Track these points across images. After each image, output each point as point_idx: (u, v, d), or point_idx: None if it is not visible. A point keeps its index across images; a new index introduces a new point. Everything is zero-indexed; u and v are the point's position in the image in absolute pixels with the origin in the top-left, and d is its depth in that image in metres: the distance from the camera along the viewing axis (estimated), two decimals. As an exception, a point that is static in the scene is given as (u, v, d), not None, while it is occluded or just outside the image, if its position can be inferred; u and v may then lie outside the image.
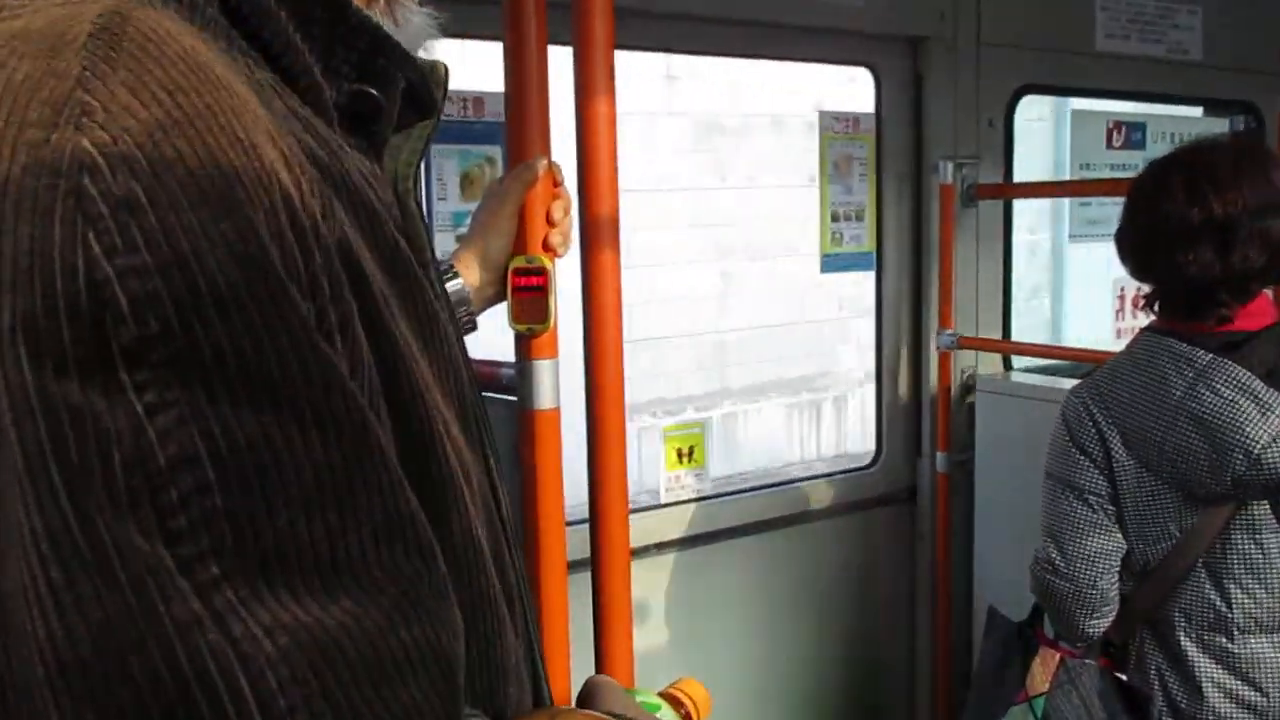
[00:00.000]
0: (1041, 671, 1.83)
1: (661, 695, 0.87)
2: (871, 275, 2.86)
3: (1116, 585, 1.77)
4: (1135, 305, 3.20)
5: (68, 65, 0.43)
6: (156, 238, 0.42)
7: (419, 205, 0.71)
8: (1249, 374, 1.63)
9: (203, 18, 0.51)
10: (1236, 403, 1.63)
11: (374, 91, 0.60)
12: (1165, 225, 1.70)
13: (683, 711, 0.86)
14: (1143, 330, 1.82)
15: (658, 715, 0.83)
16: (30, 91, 0.43)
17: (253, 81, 0.50)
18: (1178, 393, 1.68)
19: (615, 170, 1.33)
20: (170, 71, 0.44)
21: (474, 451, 0.62)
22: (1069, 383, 2.68)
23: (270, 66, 0.54)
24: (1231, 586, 1.69)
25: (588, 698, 0.75)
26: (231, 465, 0.42)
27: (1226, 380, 1.64)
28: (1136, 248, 1.78)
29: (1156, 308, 1.79)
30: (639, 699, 0.82)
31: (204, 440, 0.41)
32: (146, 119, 0.43)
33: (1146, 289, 1.82)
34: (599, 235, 1.34)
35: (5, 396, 0.40)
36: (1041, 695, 1.81)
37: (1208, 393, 1.65)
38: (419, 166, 0.70)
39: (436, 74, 0.68)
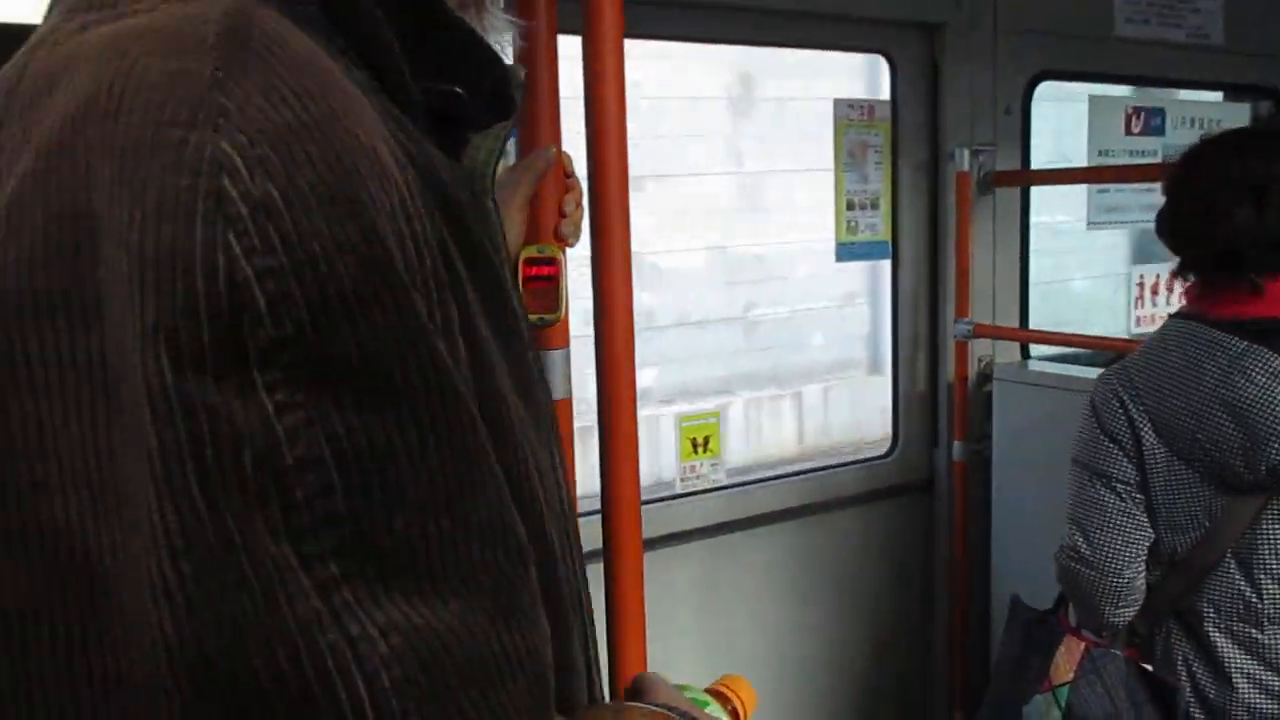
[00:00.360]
0: (1066, 661, 1.82)
1: (709, 691, 0.87)
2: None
3: (1142, 574, 1.75)
4: (1153, 291, 3.16)
5: (200, 66, 0.44)
6: (291, 240, 0.42)
7: (495, 204, 0.71)
8: None
9: (304, 16, 0.51)
10: (1272, 390, 1.61)
11: (461, 92, 0.61)
12: (1205, 184, 1.70)
13: (729, 708, 0.86)
14: (1172, 316, 1.81)
15: (707, 710, 0.83)
16: (165, 91, 0.43)
17: (352, 81, 0.51)
18: (1211, 380, 1.66)
19: (625, 160, 1.33)
20: (296, 75, 0.45)
21: (543, 449, 0.62)
22: (1087, 371, 2.66)
23: (362, 64, 0.54)
24: (1262, 577, 1.67)
25: (639, 693, 0.75)
26: (354, 467, 0.42)
27: (1262, 368, 1.62)
28: (1176, 214, 1.77)
29: (1187, 279, 1.77)
30: (688, 695, 0.82)
31: (329, 442, 0.42)
32: (278, 122, 0.43)
33: (1166, 275, 1.81)
34: (610, 225, 1.33)
35: (144, 393, 0.41)
36: (1065, 685, 1.80)
37: (1242, 380, 1.63)
38: (496, 166, 0.71)
39: (516, 76, 0.68)
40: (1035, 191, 2.99)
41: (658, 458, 2.69)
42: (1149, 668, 1.76)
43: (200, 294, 0.41)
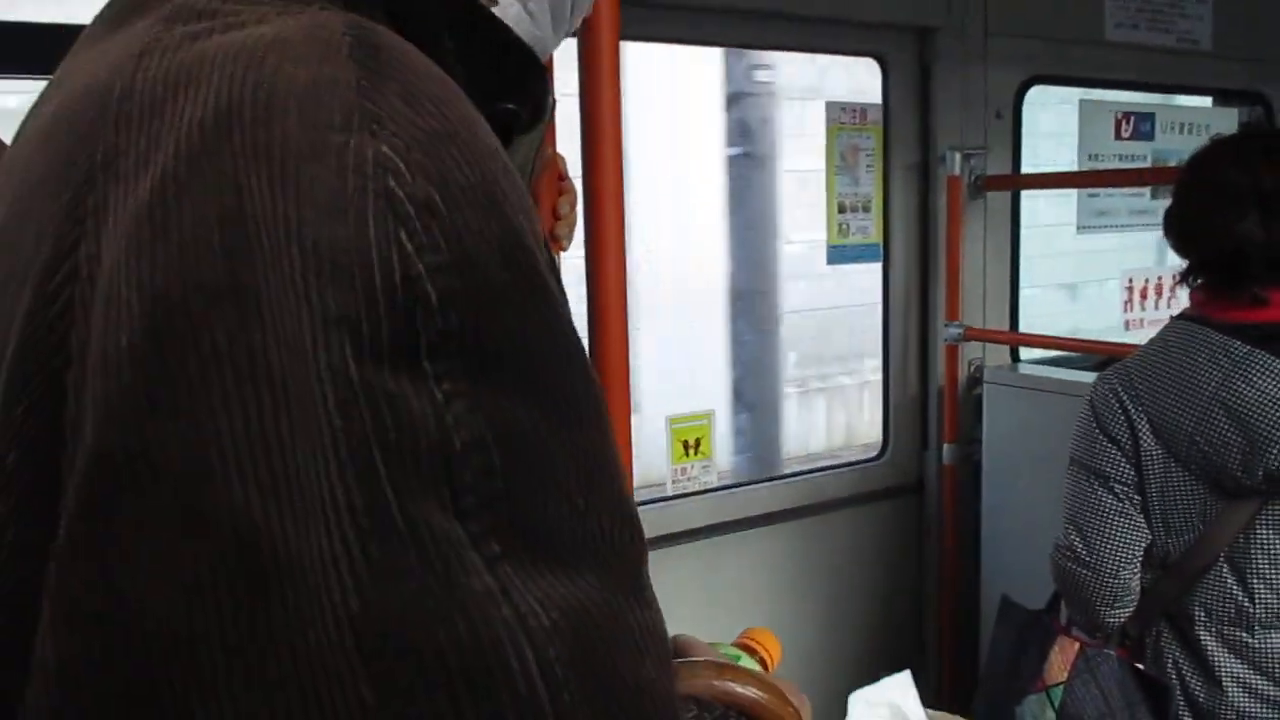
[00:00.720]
0: (1060, 660, 1.82)
1: (736, 645, 0.90)
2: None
3: (1138, 576, 1.75)
4: (1175, 282, 3.18)
5: (345, 74, 0.46)
6: (452, 238, 0.44)
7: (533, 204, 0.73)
8: None
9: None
10: (1274, 396, 1.60)
11: (515, 108, 0.64)
12: (1212, 191, 1.69)
13: (758, 658, 0.89)
14: (1175, 318, 1.80)
15: (740, 662, 0.86)
16: (315, 97, 0.45)
17: None
18: (1212, 384, 1.66)
19: (621, 162, 1.33)
20: (428, 84, 0.47)
21: None
22: (1077, 375, 2.68)
23: None
24: (1254, 581, 1.68)
25: (679, 651, 0.77)
26: (510, 450, 0.44)
27: (1264, 373, 1.62)
28: (1182, 217, 1.76)
29: (1192, 283, 1.76)
30: (721, 650, 0.85)
31: (489, 427, 0.44)
32: (424, 128, 0.45)
33: (1165, 276, 1.80)
34: (604, 227, 1.33)
35: (326, 382, 0.42)
36: (1059, 685, 1.80)
37: (1244, 385, 1.63)
38: (532, 169, 0.74)
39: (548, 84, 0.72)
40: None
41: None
42: (1141, 667, 1.76)
43: (379, 288, 0.43)
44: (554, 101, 0.72)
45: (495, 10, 0.65)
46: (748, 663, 0.87)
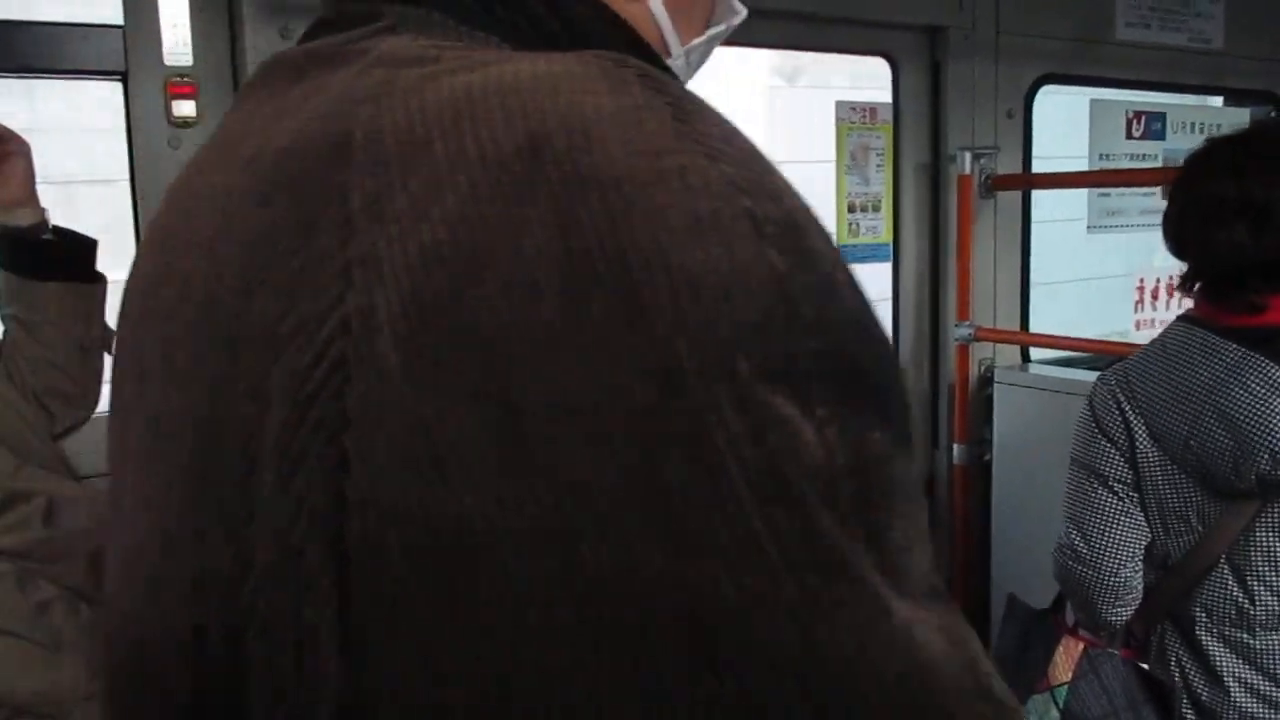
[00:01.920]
0: (1064, 660, 1.82)
1: None
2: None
3: (1140, 574, 1.75)
4: (1170, 291, 3.17)
5: (652, 100, 0.44)
6: (811, 258, 0.42)
7: None
8: None
9: None
10: (1266, 400, 1.60)
11: None
12: (1204, 201, 1.68)
13: None
14: (1176, 320, 1.80)
15: None
16: (633, 125, 0.43)
17: None
18: (1205, 386, 1.66)
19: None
20: (714, 114, 0.45)
21: None
22: (1088, 375, 2.67)
23: None
24: (1254, 583, 1.67)
25: None
26: (874, 478, 0.43)
27: (1257, 376, 1.61)
28: (1177, 224, 1.75)
29: (1191, 290, 1.75)
30: None
31: (856, 454, 0.42)
32: (743, 149, 0.44)
33: (1177, 276, 1.79)
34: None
35: (729, 407, 0.40)
36: (1063, 685, 1.80)
37: (1237, 388, 1.62)
38: None
39: None
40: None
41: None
42: (1146, 667, 1.76)
43: (763, 310, 0.40)
44: None
45: (670, 62, 0.64)
46: None
